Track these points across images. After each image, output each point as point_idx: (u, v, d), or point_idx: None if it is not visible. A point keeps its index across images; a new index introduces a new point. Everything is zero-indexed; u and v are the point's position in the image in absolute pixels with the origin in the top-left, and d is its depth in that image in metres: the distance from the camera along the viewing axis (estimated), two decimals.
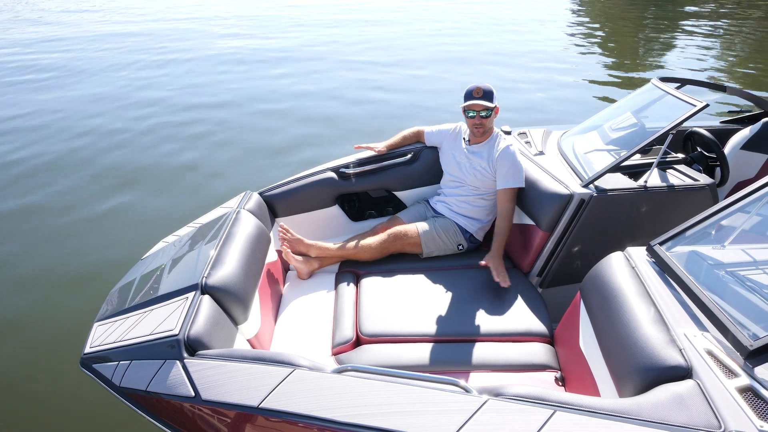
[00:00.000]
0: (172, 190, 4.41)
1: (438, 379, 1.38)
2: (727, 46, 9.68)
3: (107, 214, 4.05)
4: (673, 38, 10.27)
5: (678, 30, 11.01)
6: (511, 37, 10.26)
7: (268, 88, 7.08)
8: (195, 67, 8.17)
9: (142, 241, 3.53)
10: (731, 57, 8.84)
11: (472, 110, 2.36)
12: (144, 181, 4.55)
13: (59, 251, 3.58)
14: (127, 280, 2.11)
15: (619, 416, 1.22)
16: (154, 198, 4.28)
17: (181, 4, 14.84)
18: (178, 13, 13.47)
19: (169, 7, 14.46)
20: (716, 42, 9.90)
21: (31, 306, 3.08)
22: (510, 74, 7.64)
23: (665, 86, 2.51)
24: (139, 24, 11.96)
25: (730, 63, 8.52)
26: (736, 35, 10.50)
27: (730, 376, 1.30)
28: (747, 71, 7.90)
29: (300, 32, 10.69)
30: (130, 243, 3.62)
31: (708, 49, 9.32)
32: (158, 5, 14.81)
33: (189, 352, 1.57)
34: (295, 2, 14.73)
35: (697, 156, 2.60)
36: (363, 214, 2.83)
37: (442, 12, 13.22)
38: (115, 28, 11.44)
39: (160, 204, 4.18)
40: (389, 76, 7.58)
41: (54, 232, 3.80)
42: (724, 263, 1.66)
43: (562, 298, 2.42)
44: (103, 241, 3.69)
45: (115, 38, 10.39)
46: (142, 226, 3.87)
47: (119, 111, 6.30)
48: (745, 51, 9.32)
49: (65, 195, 4.34)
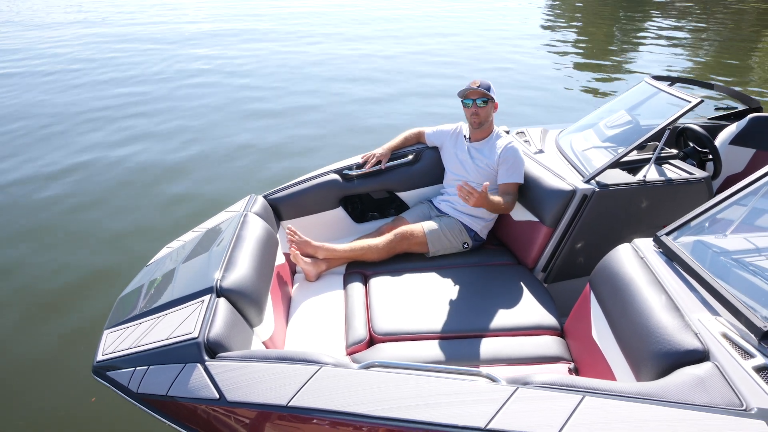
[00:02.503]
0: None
1: (465, 370, 1.39)
2: (696, 42, 10.05)
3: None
4: (645, 36, 10.57)
5: (649, 28, 11.34)
6: (487, 36, 10.40)
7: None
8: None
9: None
10: (702, 54, 9.15)
11: (469, 98, 2.41)
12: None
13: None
14: (135, 287, 2.09)
15: (646, 399, 1.26)
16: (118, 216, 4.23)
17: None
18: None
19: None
20: (686, 38, 10.25)
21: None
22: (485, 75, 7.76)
23: (659, 84, 2.60)
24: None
25: (701, 60, 8.85)
26: (703, 32, 10.91)
27: (746, 357, 1.35)
28: (717, 67, 8.23)
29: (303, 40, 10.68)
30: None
31: (678, 46, 9.64)
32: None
33: (209, 354, 1.56)
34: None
35: (690, 151, 2.68)
36: (365, 216, 2.85)
37: (409, 10, 13.33)
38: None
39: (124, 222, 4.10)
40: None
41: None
42: (729, 251, 1.72)
43: (567, 292, 2.46)
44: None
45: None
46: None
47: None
48: (714, 48, 9.68)
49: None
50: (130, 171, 4.84)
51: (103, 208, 4.17)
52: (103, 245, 3.68)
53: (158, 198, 4.33)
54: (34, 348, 2.79)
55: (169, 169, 4.87)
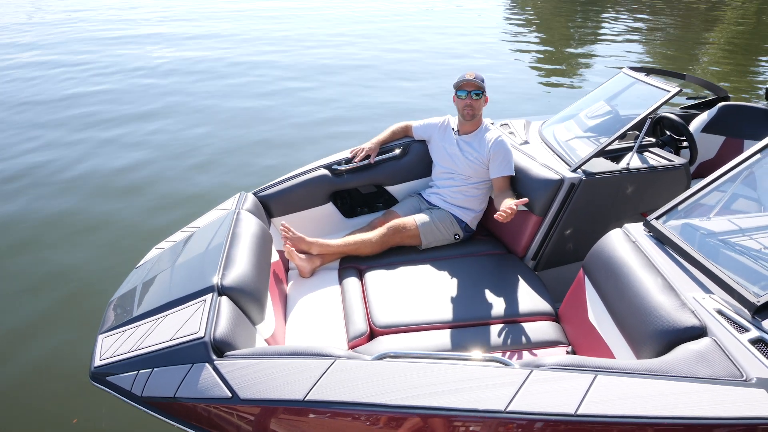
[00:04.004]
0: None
1: (477, 357, 1.42)
2: (651, 33, 10.48)
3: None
4: (601, 31, 10.93)
5: (605, 24, 11.74)
6: (446, 34, 10.45)
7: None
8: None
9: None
10: (653, 48, 9.56)
11: (463, 89, 2.44)
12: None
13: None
14: (127, 289, 2.03)
15: (654, 374, 1.31)
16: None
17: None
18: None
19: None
20: (638, 33, 10.67)
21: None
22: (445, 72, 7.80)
23: (637, 75, 2.69)
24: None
25: (653, 52, 9.26)
26: (658, 23, 11.38)
27: (741, 331, 1.42)
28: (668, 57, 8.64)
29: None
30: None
31: (632, 41, 10.03)
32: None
33: (216, 354, 1.53)
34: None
35: (667, 139, 2.80)
36: (355, 210, 2.85)
37: (368, 9, 13.32)
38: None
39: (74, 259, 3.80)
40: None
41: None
42: (715, 232, 1.81)
43: (557, 278, 2.53)
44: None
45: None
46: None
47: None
48: (664, 42, 10.12)
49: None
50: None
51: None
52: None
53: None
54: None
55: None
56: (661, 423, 1.20)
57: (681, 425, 1.20)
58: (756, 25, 12.07)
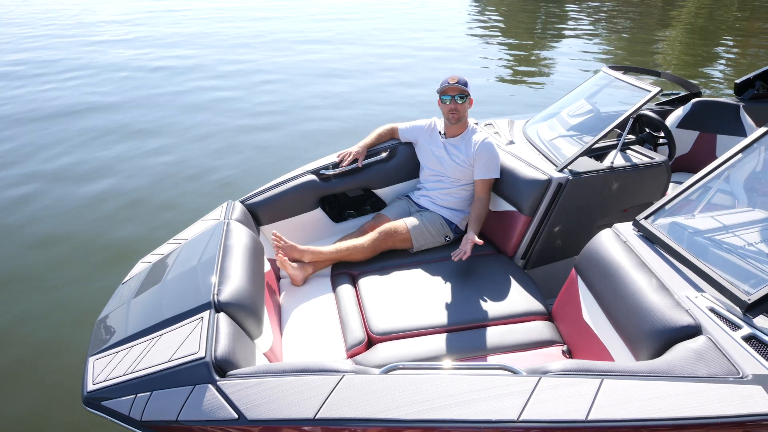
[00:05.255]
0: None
1: (484, 365, 1.43)
2: (612, 29, 10.74)
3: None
4: (563, 28, 11.13)
5: (566, 22, 11.95)
6: (412, 35, 10.43)
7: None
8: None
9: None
10: (617, 40, 9.82)
11: (447, 94, 2.45)
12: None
13: None
14: (116, 307, 1.96)
15: (656, 376, 1.35)
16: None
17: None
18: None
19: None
20: (602, 26, 10.92)
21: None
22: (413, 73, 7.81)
23: (616, 74, 2.75)
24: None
25: (618, 45, 9.49)
26: (618, 16, 11.66)
27: (734, 329, 1.47)
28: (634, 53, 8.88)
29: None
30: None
31: (595, 34, 10.25)
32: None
33: (219, 373, 1.50)
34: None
35: (646, 136, 2.87)
36: (343, 215, 2.83)
37: (328, 8, 13.21)
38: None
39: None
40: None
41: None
42: (702, 230, 1.87)
43: (545, 276, 2.57)
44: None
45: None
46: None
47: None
48: (629, 34, 10.39)
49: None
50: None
51: None
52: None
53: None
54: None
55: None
56: (667, 425, 1.24)
57: (686, 426, 1.25)
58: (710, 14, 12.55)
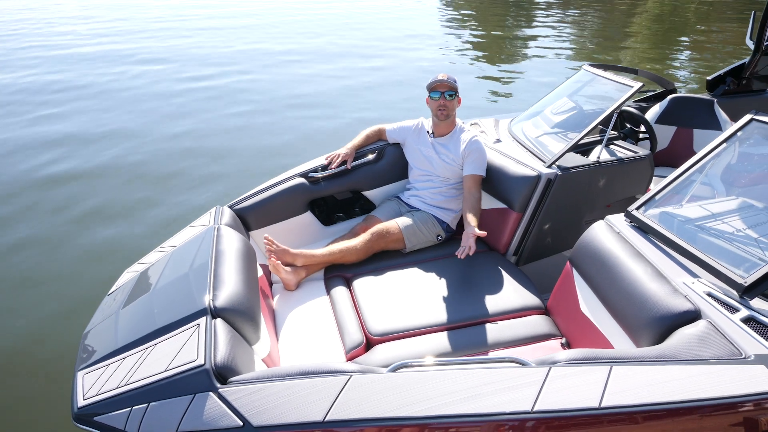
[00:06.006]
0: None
1: (492, 359, 1.42)
2: (579, 31, 11.05)
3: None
4: (532, 30, 11.40)
5: (535, 21, 12.25)
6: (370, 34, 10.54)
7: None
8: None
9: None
10: (585, 40, 10.11)
11: (437, 90, 2.45)
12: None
13: None
14: (103, 319, 1.88)
15: (662, 360, 1.36)
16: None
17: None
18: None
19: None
20: (569, 29, 11.23)
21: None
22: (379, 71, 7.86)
23: (597, 71, 2.80)
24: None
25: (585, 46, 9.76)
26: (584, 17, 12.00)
27: (732, 312, 1.50)
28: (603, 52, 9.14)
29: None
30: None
31: (564, 35, 10.53)
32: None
33: (220, 381, 1.44)
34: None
35: (628, 131, 2.93)
36: (332, 218, 2.80)
37: (297, 14, 13.28)
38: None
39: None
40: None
41: None
42: (691, 218, 1.91)
43: (537, 271, 2.59)
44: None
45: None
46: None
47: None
48: (595, 35, 10.70)
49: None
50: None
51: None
52: None
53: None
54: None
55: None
56: (679, 408, 1.25)
57: (697, 408, 1.26)
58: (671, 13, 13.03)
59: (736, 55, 8.81)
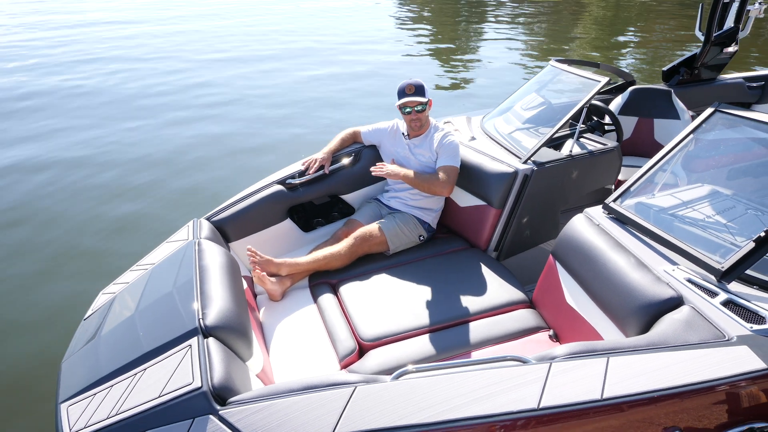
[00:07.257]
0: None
1: (492, 359, 1.44)
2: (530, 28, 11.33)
3: None
4: (485, 28, 11.61)
5: (488, 19, 12.48)
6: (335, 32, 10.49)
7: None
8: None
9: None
10: (532, 42, 10.38)
11: (407, 107, 2.46)
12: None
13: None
14: (82, 345, 1.79)
15: (654, 348, 1.42)
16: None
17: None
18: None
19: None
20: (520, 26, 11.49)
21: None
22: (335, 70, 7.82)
23: (564, 66, 2.87)
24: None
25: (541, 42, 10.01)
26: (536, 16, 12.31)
27: (712, 296, 1.58)
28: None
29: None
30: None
31: (517, 33, 10.77)
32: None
33: (219, 402, 1.40)
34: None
35: (595, 124, 3.03)
36: (311, 224, 2.76)
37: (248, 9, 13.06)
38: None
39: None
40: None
41: None
42: (665, 207, 1.99)
43: (517, 265, 2.64)
44: None
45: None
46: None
47: None
48: (546, 31, 11.00)
49: None
50: None
51: None
52: None
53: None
54: None
55: None
56: (676, 392, 1.30)
57: (693, 391, 1.32)
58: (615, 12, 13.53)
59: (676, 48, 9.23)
